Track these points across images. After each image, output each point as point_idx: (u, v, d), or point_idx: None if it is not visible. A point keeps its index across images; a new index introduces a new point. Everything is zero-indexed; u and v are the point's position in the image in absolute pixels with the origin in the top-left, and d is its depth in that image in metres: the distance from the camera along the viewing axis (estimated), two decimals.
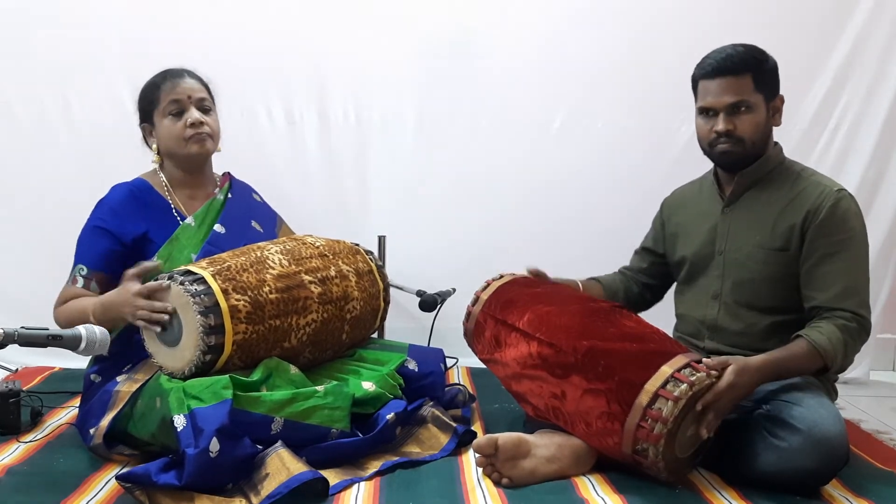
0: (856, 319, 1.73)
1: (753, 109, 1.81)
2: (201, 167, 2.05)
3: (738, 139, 1.82)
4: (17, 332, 1.46)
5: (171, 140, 1.97)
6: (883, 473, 1.80)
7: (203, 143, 1.97)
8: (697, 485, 1.68)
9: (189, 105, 1.96)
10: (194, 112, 1.96)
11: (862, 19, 2.67)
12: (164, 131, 1.98)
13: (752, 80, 1.80)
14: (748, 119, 1.81)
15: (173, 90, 1.96)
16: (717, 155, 1.86)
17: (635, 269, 2.18)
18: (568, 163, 2.74)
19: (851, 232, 1.78)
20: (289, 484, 1.51)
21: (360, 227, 2.62)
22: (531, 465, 1.67)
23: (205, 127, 1.97)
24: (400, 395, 1.86)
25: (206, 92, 2.02)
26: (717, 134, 1.82)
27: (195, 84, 2.00)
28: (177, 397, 1.59)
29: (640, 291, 2.16)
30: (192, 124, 1.95)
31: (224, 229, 2.00)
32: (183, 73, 2.01)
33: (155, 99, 1.98)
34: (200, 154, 1.99)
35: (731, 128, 1.81)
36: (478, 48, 2.70)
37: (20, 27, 2.60)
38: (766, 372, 1.66)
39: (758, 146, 1.84)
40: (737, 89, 1.80)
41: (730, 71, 1.80)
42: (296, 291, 1.81)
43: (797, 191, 1.83)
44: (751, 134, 1.81)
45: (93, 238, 1.92)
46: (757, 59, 1.82)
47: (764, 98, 1.82)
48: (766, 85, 1.83)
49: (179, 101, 1.96)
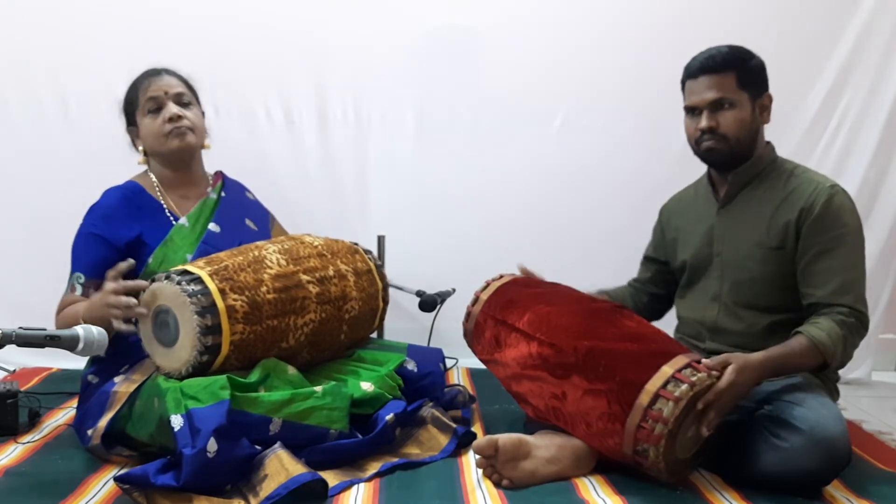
0: (854, 314, 1.72)
1: (737, 106, 1.81)
2: (188, 164, 2.03)
3: (722, 136, 1.82)
4: (15, 332, 1.46)
5: (152, 137, 1.97)
6: (885, 474, 1.80)
7: (183, 136, 1.96)
8: (698, 485, 1.67)
9: (166, 101, 1.96)
10: (172, 107, 1.96)
11: (863, 19, 2.66)
12: (145, 130, 1.98)
13: (736, 78, 1.81)
14: (731, 115, 1.81)
15: (149, 88, 1.97)
16: (704, 153, 1.87)
17: (642, 280, 2.17)
18: (568, 163, 2.73)
19: (846, 227, 1.77)
20: (288, 485, 1.50)
21: (359, 227, 2.62)
22: (531, 466, 1.66)
23: (184, 121, 1.96)
24: (399, 395, 1.85)
25: (185, 87, 2.02)
26: (702, 131, 1.83)
27: (172, 80, 2.00)
28: (174, 397, 1.58)
29: (650, 302, 2.15)
30: (171, 119, 1.95)
31: (219, 228, 1.99)
32: (160, 71, 2.01)
33: (134, 99, 1.99)
34: (182, 148, 1.97)
35: (714, 124, 1.82)
36: (478, 48, 2.69)
37: (18, 27, 2.59)
38: (767, 369, 1.66)
39: (743, 143, 1.84)
40: (719, 86, 1.81)
41: (711, 69, 1.82)
42: (294, 291, 1.80)
43: (790, 188, 1.83)
44: (734, 131, 1.82)
45: (87, 245, 1.91)
46: (740, 58, 1.82)
47: (749, 95, 1.82)
48: (751, 82, 1.82)
49: (157, 98, 1.96)
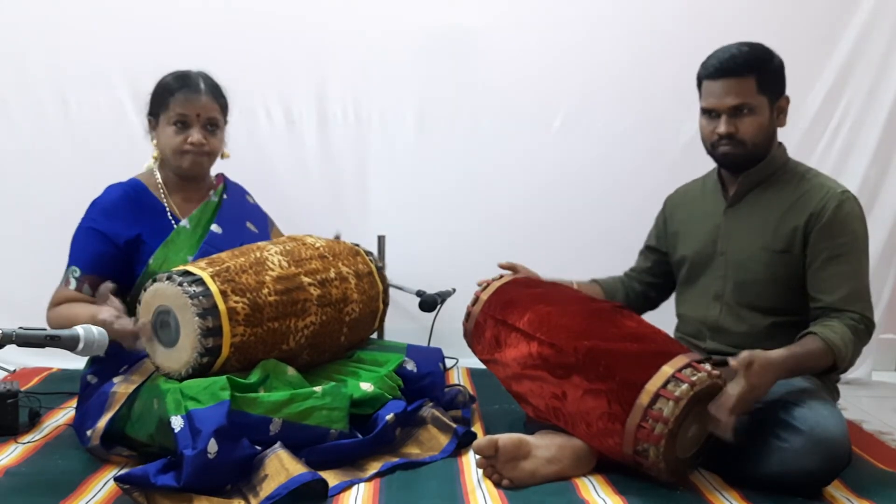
0: (864, 321, 1.72)
1: (756, 112, 1.78)
2: (196, 177, 2.03)
3: (740, 141, 1.80)
4: (15, 332, 1.46)
5: (168, 149, 1.95)
6: (885, 474, 1.80)
7: (198, 162, 1.96)
8: (698, 486, 1.67)
9: (195, 122, 1.93)
10: (196, 133, 1.93)
11: (864, 18, 2.66)
12: (164, 137, 1.96)
13: (756, 82, 1.77)
14: (750, 121, 1.78)
15: (184, 103, 1.92)
16: (720, 156, 1.85)
17: (639, 269, 2.16)
18: (568, 162, 2.73)
19: (854, 234, 1.77)
20: (288, 485, 1.50)
21: (359, 227, 2.61)
22: (532, 466, 1.66)
23: (205, 147, 1.94)
24: (399, 395, 1.85)
25: (219, 110, 1.98)
26: (719, 136, 1.80)
27: (209, 102, 1.95)
28: (174, 398, 1.58)
29: (644, 291, 2.15)
30: (193, 143, 1.93)
31: (221, 230, 1.99)
32: (199, 87, 1.95)
33: (165, 104, 1.94)
34: (191, 170, 1.97)
35: (733, 130, 1.79)
36: (478, 48, 2.69)
37: (18, 29, 2.59)
38: (787, 369, 1.64)
39: (760, 148, 1.82)
40: (739, 91, 1.77)
41: (733, 72, 1.77)
42: (295, 293, 1.80)
43: (800, 192, 1.82)
44: (753, 136, 1.79)
45: (86, 239, 1.91)
46: (761, 60, 1.79)
47: (768, 100, 1.79)
48: (771, 86, 1.80)
49: (187, 117, 1.93)
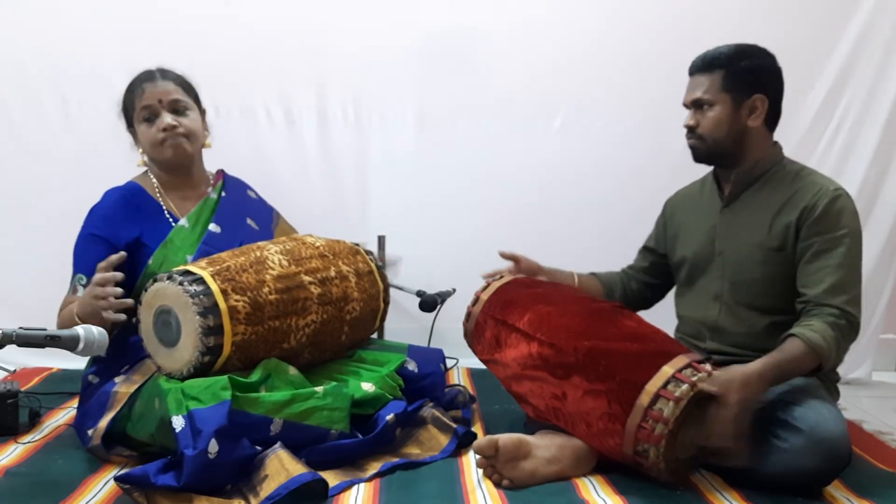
0: (844, 316, 1.69)
1: (715, 107, 1.83)
2: (186, 169, 2.02)
3: (699, 136, 1.86)
4: (16, 332, 1.45)
5: (148, 145, 1.96)
6: (885, 474, 1.80)
7: (178, 146, 1.95)
8: (699, 486, 1.67)
9: (160, 109, 1.94)
10: (166, 117, 1.93)
11: (863, 19, 2.66)
12: (141, 137, 1.97)
13: (721, 79, 1.82)
14: (709, 116, 1.84)
15: (143, 95, 1.94)
16: (690, 149, 1.91)
17: (637, 268, 2.17)
18: (569, 162, 2.73)
19: (846, 229, 1.76)
20: (288, 485, 1.50)
21: (359, 227, 2.61)
22: (532, 466, 1.66)
23: (179, 129, 1.94)
24: (400, 395, 1.85)
25: (181, 91, 1.98)
26: (685, 128, 1.89)
27: (167, 85, 1.96)
28: (175, 398, 1.58)
29: (640, 289, 2.16)
30: (165, 129, 1.93)
31: (219, 228, 1.99)
32: (154, 76, 1.97)
33: (130, 105, 1.97)
34: (177, 157, 1.97)
35: (693, 124, 1.87)
36: (478, 48, 2.68)
37: (18, 29, 2.59)
38: (769, 379, 1.63)
39: (723, 144, 1.84)
40: (701, 87, 1.85)
41: (699, 69, 1.86)
42: (295, 292, 1.80)
43: (794, 190, 1.82)
44: (710, 131, 1.84)
45: (88, 247, 1.91)
46: (730, 58, 1.82)
47: (732, 97, 1.82)
48: (738, 84, 1.81)
49: (151, 107, 1.94)
